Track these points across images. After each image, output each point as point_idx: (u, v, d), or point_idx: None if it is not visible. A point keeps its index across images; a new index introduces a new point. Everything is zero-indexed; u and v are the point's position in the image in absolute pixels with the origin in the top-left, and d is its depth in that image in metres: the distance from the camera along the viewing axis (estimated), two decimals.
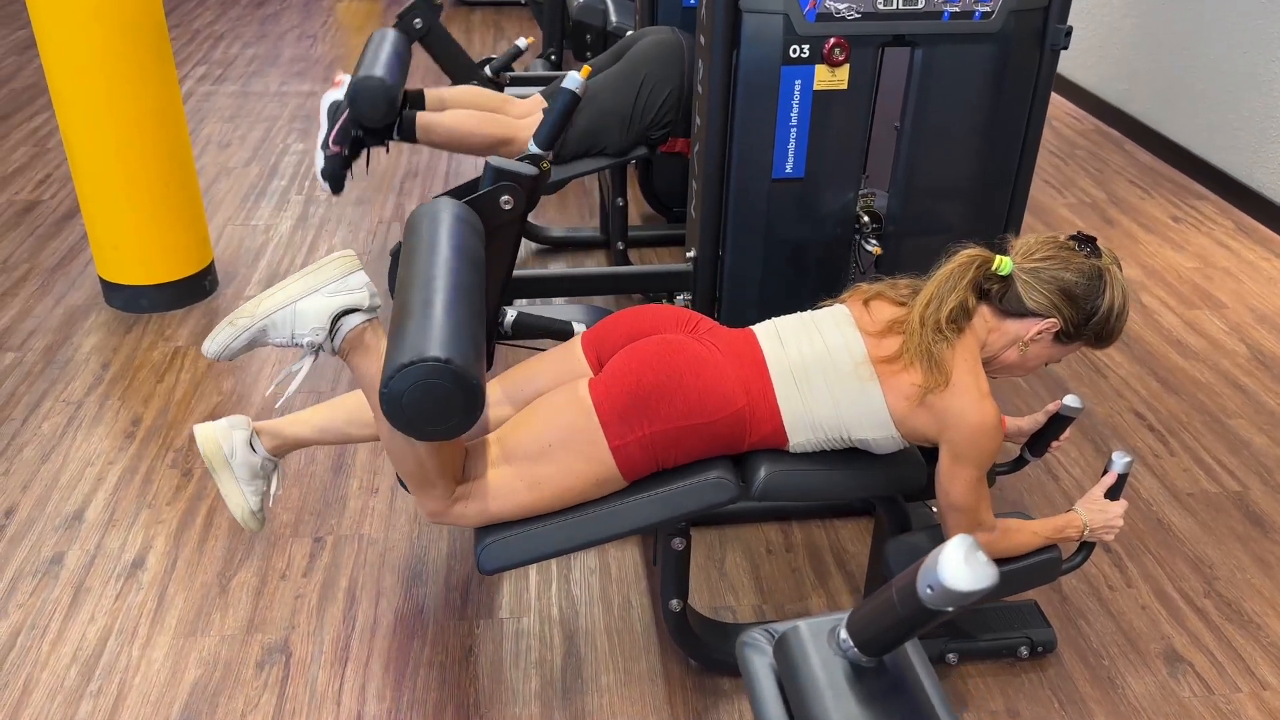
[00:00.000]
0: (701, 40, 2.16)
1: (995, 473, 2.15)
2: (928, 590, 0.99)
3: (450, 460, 1.70)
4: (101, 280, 3.29)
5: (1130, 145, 4.85)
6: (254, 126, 4.81)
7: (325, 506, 2.51)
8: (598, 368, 1.86)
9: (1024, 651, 2.13)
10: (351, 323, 1.67)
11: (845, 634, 1.11)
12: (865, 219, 2.26)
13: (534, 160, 2.68)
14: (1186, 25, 4.49)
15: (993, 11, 2.07)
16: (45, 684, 2.04)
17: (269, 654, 2.12)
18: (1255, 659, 2.17)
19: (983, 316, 1.79)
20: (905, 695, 1.10)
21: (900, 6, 2.04)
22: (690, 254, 2.33)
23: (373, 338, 1.69)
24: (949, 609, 0.99)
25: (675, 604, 1.99)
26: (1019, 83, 2.16)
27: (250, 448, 1.88)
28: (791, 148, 2.15)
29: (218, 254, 3.67)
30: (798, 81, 2.08)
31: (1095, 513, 1.88)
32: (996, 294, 1.78)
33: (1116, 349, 3.26)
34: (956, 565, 0.97)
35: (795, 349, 1.79)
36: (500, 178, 1.82)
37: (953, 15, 2.06)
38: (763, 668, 1.20)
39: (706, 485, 1.76)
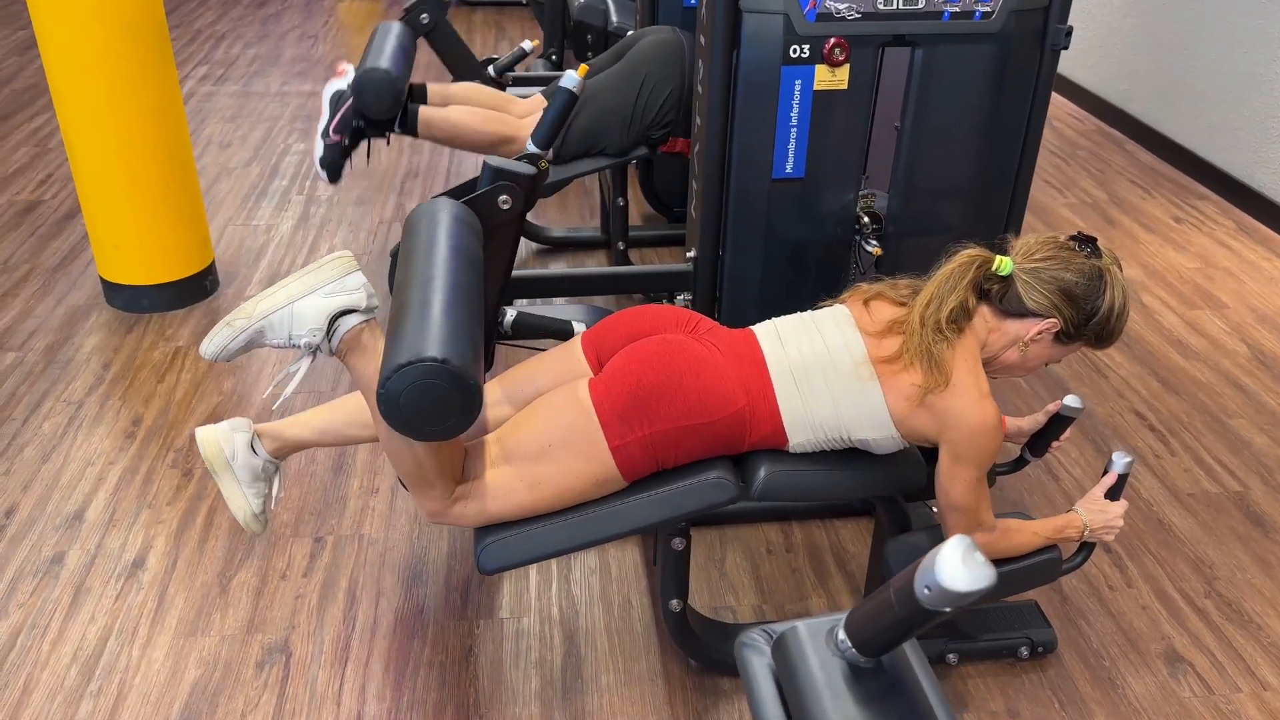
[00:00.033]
0: (702, 40, 2.16)
1: (995, 473, 2.15)
2: (925, 591, 0.99)
3: (449, 460, 1.70)
4: (102, 280, 3.29)
5: (1131, 145, 4.85)
6: (255, 127, 4.81)
7: (325, 506, 2.51)
8: (598, 368, 1.86)
9: (1024, 652, 2.13)
10: (349, 323, 1.67)
11: (843, 634, 1.11)
12: (865, 219, 2.26)
13: (532, 159, 2.68)
14: (1187, 25, 4.49)
15: (993, 11, 2.06)
16: (45, 684, 2.04)
17: (269, 654, 2.12)
18: (1256, 659, 2.17)
19: (983, 317, 1.78)
20: (903, 695, 1.10)
21: (900, 6, 2.04)
22: (690, 254, 2.33)
23: (370, 338, 1.69)
24: (946, 609, 0.99)
25: (675, 604, 1.99)
26: (1019, 83, 2.15)
27: (252, 450, 1.88)
28: (792, 148, 2.15)
29: (218, 254, 3.67)
30: (798, 81, 2.08)
31: (1095, 513, 1.88)
32: (997, 294, 1.78)
33: (1117, 349, 3.26)
34: (954, 565, 0.97)
35: (795, 349, 1.79)
36: (498, 177, 1.82)
37: (953, 15, 2.06)
38: (761, 668, 1.19)
39: (706, 485, 1.76)
